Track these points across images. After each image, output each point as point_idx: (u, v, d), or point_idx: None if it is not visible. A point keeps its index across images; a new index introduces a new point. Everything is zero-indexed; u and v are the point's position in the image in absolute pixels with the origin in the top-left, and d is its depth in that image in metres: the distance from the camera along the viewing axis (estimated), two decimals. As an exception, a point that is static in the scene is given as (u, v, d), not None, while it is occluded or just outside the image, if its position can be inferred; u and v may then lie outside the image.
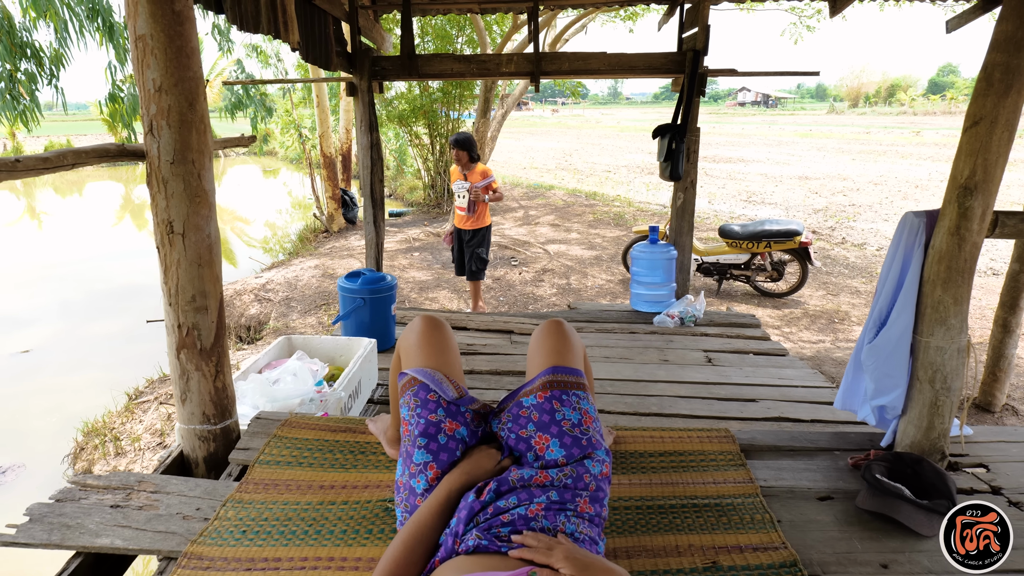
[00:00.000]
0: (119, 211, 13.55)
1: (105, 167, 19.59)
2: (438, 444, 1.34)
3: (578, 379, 1.43)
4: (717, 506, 1.64)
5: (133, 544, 1.46)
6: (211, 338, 1.80)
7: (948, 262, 1.76)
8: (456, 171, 4.72)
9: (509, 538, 1.14)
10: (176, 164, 1.65)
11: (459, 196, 4.65)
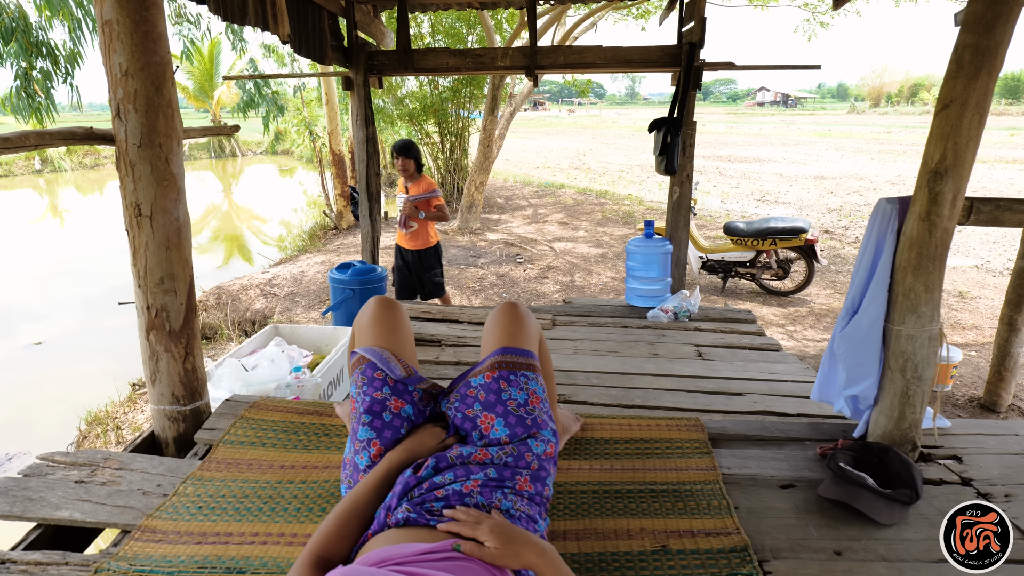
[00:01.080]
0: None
1: (125, 166, 19.91)
2: (382, 421, 1.35)
3: (528, 360, 1.43)
4: (675, 492, 1.63)
5: (91, 517, 1.49)
6: (180, 320, 1.82)
7: (919, 248, 1.73)
8: (400, 182, 4.30)
9: (441, 513, 1.14)
10: (143, 148, 1.68)
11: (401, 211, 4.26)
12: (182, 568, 1.33)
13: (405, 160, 4.10)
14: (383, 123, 11.31)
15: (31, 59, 6.86)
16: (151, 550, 1.38)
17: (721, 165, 17.41)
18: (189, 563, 1.35)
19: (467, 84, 10.39)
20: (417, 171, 4.18)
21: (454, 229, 9.19)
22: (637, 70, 4.13)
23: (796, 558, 1.42)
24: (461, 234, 9.04)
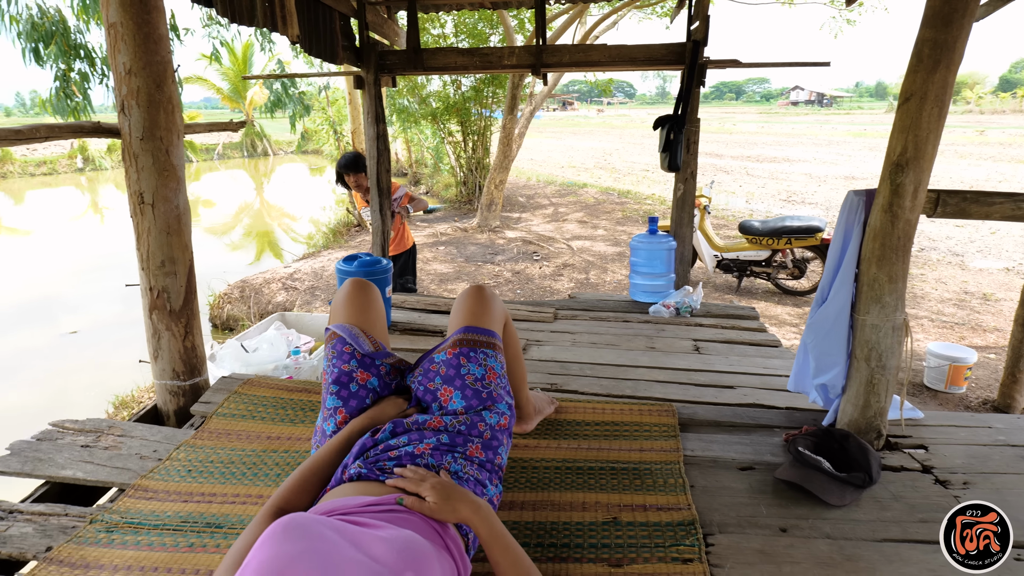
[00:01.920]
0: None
1: (163, 164, 20.56)
2: (349, 392, 1.46)
3: (489, 339, 1.52)
4: (634, 470, 1.71)
5: (92, 476, 1.63)
6: (180, 301, 1.96)
7: (882, 239, 1.77)
8: (358, 198, 4.31)
9: (391, 471, 1.24)
10: (145, 140, 1.82)
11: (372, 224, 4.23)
12: (167, 522, 1.46)
13: (358, 176, 4.12)
14: (408, 122, 11.52)
15: (69, 61, 7.20)
16: (141, 506, 1.52)
17: (749, 165, 17.21)
18: (174, 518, 1.48)
19: (489, 84, 10.51)
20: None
21: (473, 227, 9.32)
22: (642, 68, 4.18)
23: (741, 533, 1.48)
24: (480, 232, 9.15)
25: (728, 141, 25.26)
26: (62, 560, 1.34)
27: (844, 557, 1.39)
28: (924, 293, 6.24)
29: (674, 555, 1.38)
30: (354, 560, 0.98)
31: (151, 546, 1.39)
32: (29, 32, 6.86)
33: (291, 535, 1.00)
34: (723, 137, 27.63)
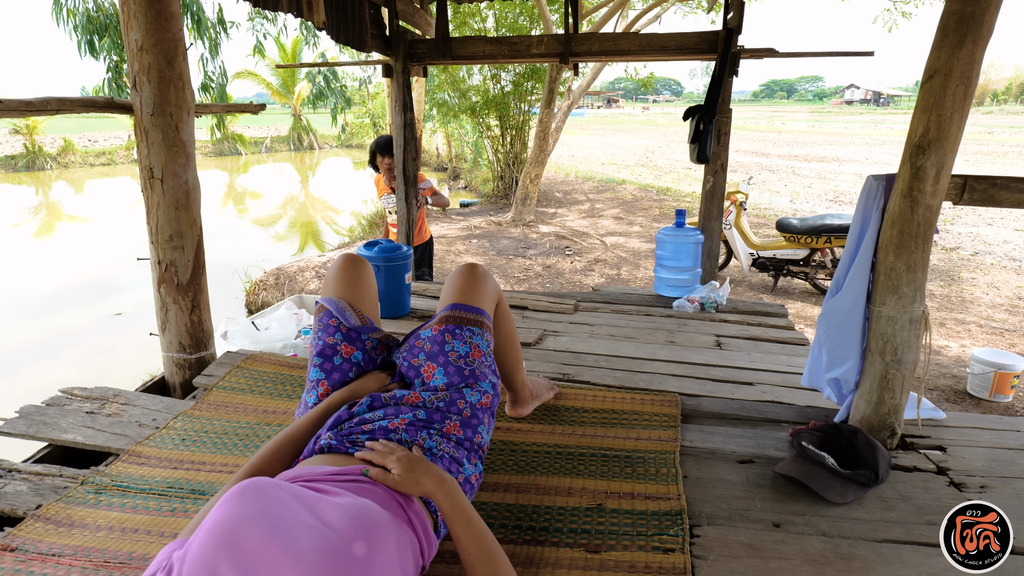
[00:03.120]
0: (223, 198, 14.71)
1: (212, 157, 21.28)
2: (332, 364, 1.45)
3: (477, 317, 1.50)
4: (627, 458, 1.65)
5: (91, 441, 1.68)
6: (187, 275, 2.00)
7: (901, 226, 1.67)
8: (381, 182, 4.22)
9: (363, 444, 1.23)
10: (156, 116, 1.86)
11: (390, 212, 4.18)
12: (153, 486, 1.49)
13: (390, 159, 4.07)
14: (448, 116, 11.58)
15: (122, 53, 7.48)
16: (133, 470, 1.55)
17: (796, 164, 16.71)
18: (161, 483, 1.50)
19: (529, 78, 10.48)
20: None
21: (507, 221, 9.31)
22: (673, 57, 4.08)
23: (731, 526, 1.42)
24: (514, 226, 9.14)
25: (776, 140, 24.55)
26: (49, 518, 1.37)
27: (837, 556, 1.31)
28: (974, 298, 5.93)
29: (655, 544, 1.33)
30: (306, 524, 0.97)
31: (135, 509, 1.41)
32: (85, 25, 7.16)
33: (247, 497, 1.00)
34: (771, 136, 26.88)
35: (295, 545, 0.94)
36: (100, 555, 1.27)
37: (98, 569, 1.23)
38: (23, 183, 16.39)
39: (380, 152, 4.10)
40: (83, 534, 1.33)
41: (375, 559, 0.96)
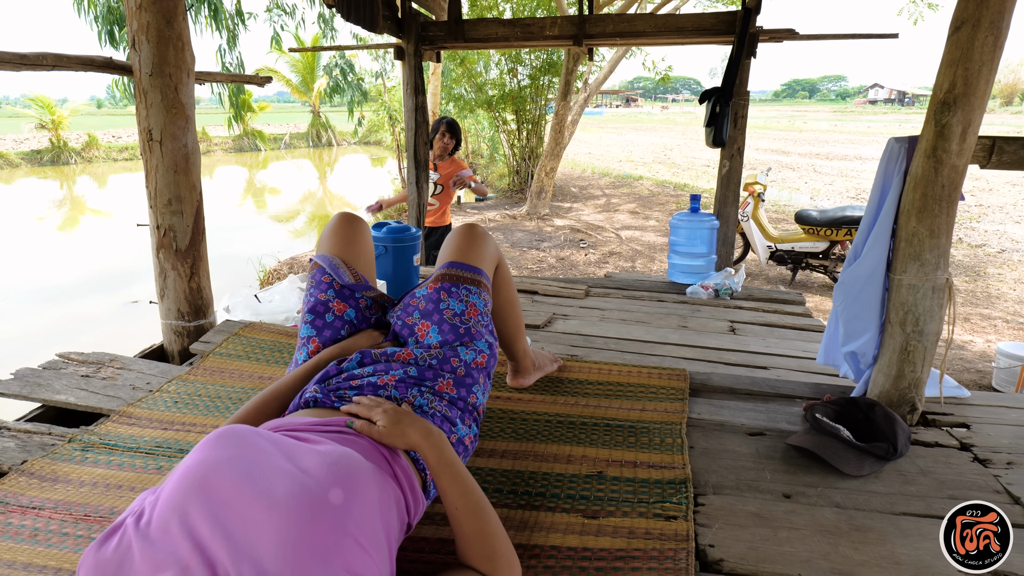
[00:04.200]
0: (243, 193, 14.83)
1: (232, 152, 21.50)
2: (324, 321, 1.41)
3: (474, 276, 1.44)
4: (630, 428, 1.59)
5: (83, 402, 1.65)
6: (186, 241, 1.97)
7: (924, 188, 1.58)
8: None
9: (350, 400, 1.18)
10: (154, 76, 1.83)
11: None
12: (141, 445, 1.45)
13: (451, 139, 4.09)
14: (465, 110, 11.55)
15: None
16: (122, 430, 1.52)
17: (817, 163, 16.44)
18: (149, 443, 1.47)
19: (546, 72, 10.41)
20: (456, 149, 4.22)
21: (522, 214, 9.25)
22: (690, 39, 3.99)
23: (738, 495, 1.34)
24: (529, 219, 9.07)
25: (797, 139, 24.20)
26: (33, 472, 1.34)
27: (852, 527, 1.24)
28: (1000, 293, 5.75)
29: (657, 511, 1.26)
30: (281, 470, 0.92)
31: (121, 466, 1.38)
32: (105, 15, 7.22)
33: (223, 443, 0.95)
34: (792, 135, 26.51)
35: (269, 490, 0.89)
36: (81, 509, 1.23)
37: (78, 522, 1.20)
38: (48, 177, 16.68)
39: (448, 129, 4.07)
40: (66, 489, 1.30)
41: (353, 508, 0.91)
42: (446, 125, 4.07)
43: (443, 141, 4.09)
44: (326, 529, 0.87)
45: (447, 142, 4.09)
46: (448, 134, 4.07)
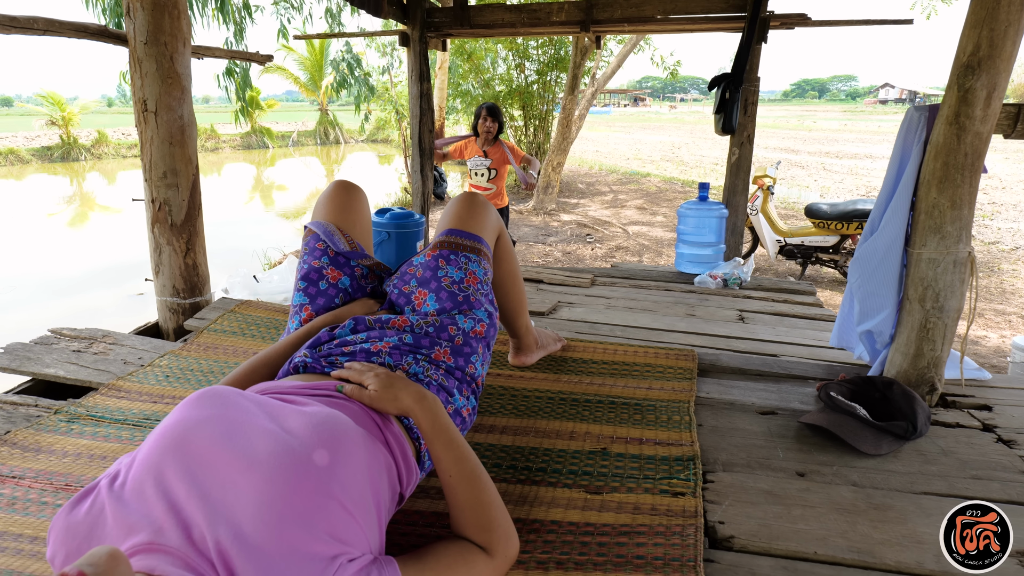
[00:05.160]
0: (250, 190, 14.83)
1: (240, 150, 21.54)
2: (317, 289, 1.35)
3: (474, 244, 1.38)
4: (636, 406, 1.52)
5: (72, 375, 1.61)
6: (182, 215, 1.92)
7: (945, 157, 1.51)
8: (472, 145, 4.10)
9: (342, 365, 1.13)
10: (149, 45, 1.78)
11: (476, 174, 4.09)
12: (129, 418, 1.40)
13: (493, 122, 4.03)
14: (471, 107, 11.50)
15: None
16: (111, 403, 1.47)
17: (827, 161, 16.30)
18: (137, 415, 1.42)
19: (553, 67, 10.35)
20: (500, 133, 4.16)
21: (528, 209, 9.19)
22: (700, 25, 3.92)
23: (749, 473, 1.28)
24: (535, 214, 9.01)
25: (806, 138, 24.02)
26: (16, 443, 1.29)
27: (870, 505, 1.17)
28: (1015, 289, 5.64)
29: (664, 487, 1.20)
30: (264, 429, 0.87)
31: (107, 438, 1.33)
32: (113, 7, 7.22)
33: (204, 402, 0.90)
34: (801, 134, 26.32)
35: (249, 449, 0.84)
36: (62, 479, 1.19)
37: (57, 491, 1.15)
38: (58, 173, 16.76)
39: (490, 114, 3.99)
40: (49, 459, 1.25)
41: (338, 470, 0.85)
42: (486, 110, 4.00)
43: (486, 125, 4.01)
44: (309, 491, 0.81)
45: (490, 126, 4.01)
46: (490, 118, 4.00)
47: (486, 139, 4.04)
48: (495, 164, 4.12)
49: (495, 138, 4.08)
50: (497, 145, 4.10)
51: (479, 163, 4.07)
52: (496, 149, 4.08)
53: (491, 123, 3.98)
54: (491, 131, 4.00)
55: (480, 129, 4.01)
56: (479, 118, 4.04)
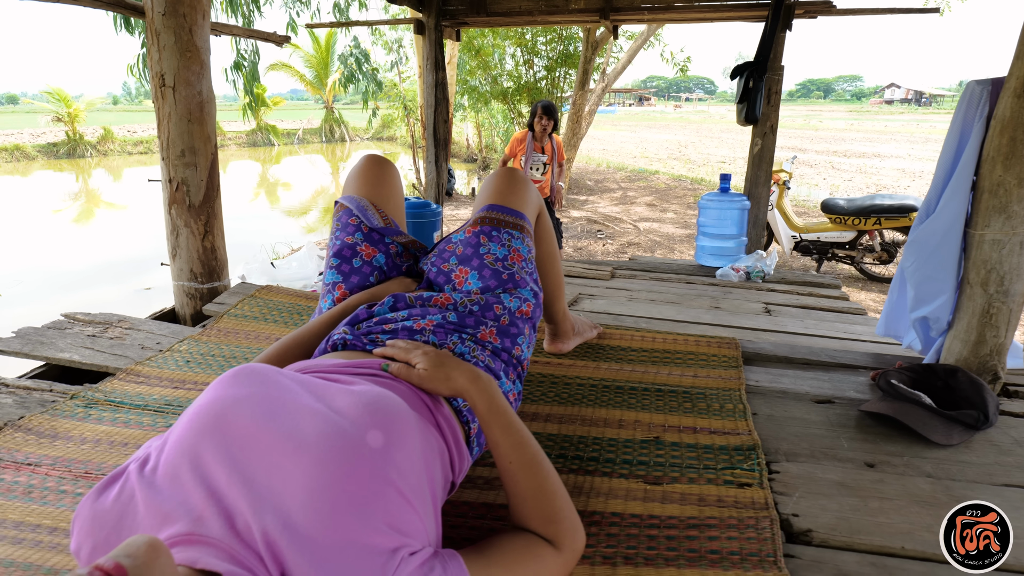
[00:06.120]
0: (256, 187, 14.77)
1: (246, 147, 21.49)
2: (351, 267, 1.27)
3: (516, 220, 1.30)
4: (685, 393, 1.44)
5: (88, 360, 1.53)
6: (200, 196, 1.84)
7: (1012, 132, 1.42)
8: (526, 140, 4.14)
9: (384, 344, 1.04)
10: (168, 16, 1.70)
11: (533, 168, 4.12)
12: (149, 403, 1.32)
13: (549, 120, 4.11)
14: (479, 103, 11.41)
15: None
16: (129, 388, 1.39)
17: (835, 160, 16.19)
18: (158, 400, 1.34)
19: (562, 63, 10.25)
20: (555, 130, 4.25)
21: (537, 206, 9.10)
22: (722, 13, 3.84)
23: (815, 463, 1.20)
24: (544, 211, 8.92)
25: (813, 137, 23.90)
26: (31, 428, 1.21)
27: (951, 498, 1.08)
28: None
29: (727, 478, 1.11)
30: (311, 409, 0.78)
31: (127, 423, 1.25)
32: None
33: (242, 380, 0.82)
34: (807, 133, 26.20)
35: (296, 430, 0.75)
36: (81, 466, 1.11)
37: (77, 479, 1.07)
38: (64, 170, 16.72)
39: (544, 112, 4.07)
40: (66, 445, 1.17)
41: (394, 453, 0.77)
42: (542, 108, 4.08)
43: (542, 123, 4.11)
44: (364, 476, 0.73)
45: (545, 123, 4.11)
46: (545, 116, 4.08)
47: (541, 135, 4.15)
48: (549, 160, 4.23)
49: (549, 135, 4.19)
50: (553, 141, 4.22)
51: (537, 159, 4.17)
52: (550, 145, 4.21)
53: (547, 121, 4.09)
54: (547, 128, 4.12)
55: (536, 127, 4.11)
56: (535, 116, 4.16)
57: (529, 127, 4.17)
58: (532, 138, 4.10)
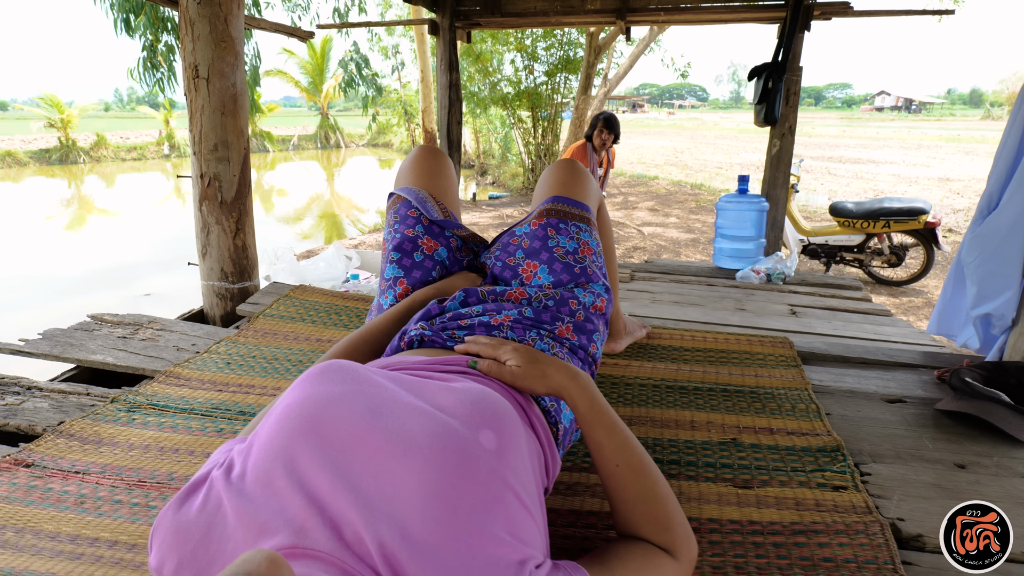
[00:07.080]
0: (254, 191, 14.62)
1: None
2: (412, 261, 1.21)
3: (582, 212, 1.24)
4: (752, 393, 1.38)
5: (122, 362, 1.45)
6: (232, 192, 1.78)
7: (1085, 123, 1.38)
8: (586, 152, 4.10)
9: (462, 339, 0.98)
10: (203, 5, 1.64)
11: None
12: (195, 407, 1.25)
13: (609, 134, 4.15)
14: (479, 108, 11.38)
15: (157, 33, 7.37)
16: (171, 391, 1.32)
17: (831, 165, 16.28)
18: (204, 404, 1.27)
19: (562, 69, 10.24)
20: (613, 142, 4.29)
21: (540, 211, 9.05)
22: (739, 14, 3.81)
23: (904, 465, 1.14)
24: (546, 216, 8.88)
25: (807, 143, 24.03)
26: (72, 434, 1.14)
27: (1056, 500, 1.03)
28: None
29: (819, 481, 1.05)
30: (413, 407, 0.72)
31: (175, 428, 1.18)
32: (121, 3, 7.08)
33: (331, 377, 0.75)
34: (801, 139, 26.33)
35: (402, 431, 0.68)
36: (133, 474, 1.03)
37: (131, 488, 1.00)
38: (56, 176, 16.55)
39: (606, 126, 4.12)
40: (113, 452, 1.09)
41: (508, 455, 0.70)
42: (603, 121, 4.12)
43: (601, 137, 4.15)
44: (482, 480, 0.66)
45: (605, 137, 4.16)
46: (606, 130, 4.13)
47: (600, 147, 4.18)
48: (604, 172, 4.33)
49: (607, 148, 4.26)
50: (607, 154, 4.30)
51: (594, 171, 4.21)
52: (606, 157, 4.30)
53: (607, 134, 4.15)
54: (606, 142, 4.18)
55: (596, 139, 4.15)
56: (595, 128, 4.20)
57: (587, 139, 4.18)
58: (592, 150, 4.11)
